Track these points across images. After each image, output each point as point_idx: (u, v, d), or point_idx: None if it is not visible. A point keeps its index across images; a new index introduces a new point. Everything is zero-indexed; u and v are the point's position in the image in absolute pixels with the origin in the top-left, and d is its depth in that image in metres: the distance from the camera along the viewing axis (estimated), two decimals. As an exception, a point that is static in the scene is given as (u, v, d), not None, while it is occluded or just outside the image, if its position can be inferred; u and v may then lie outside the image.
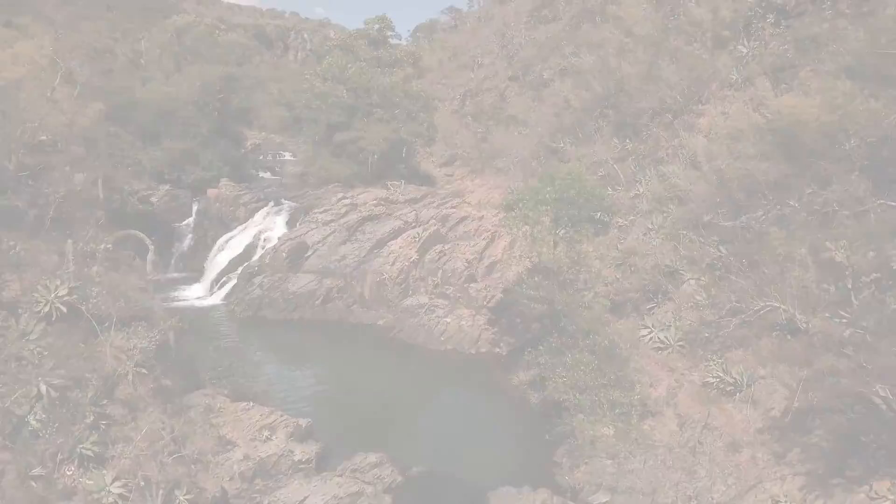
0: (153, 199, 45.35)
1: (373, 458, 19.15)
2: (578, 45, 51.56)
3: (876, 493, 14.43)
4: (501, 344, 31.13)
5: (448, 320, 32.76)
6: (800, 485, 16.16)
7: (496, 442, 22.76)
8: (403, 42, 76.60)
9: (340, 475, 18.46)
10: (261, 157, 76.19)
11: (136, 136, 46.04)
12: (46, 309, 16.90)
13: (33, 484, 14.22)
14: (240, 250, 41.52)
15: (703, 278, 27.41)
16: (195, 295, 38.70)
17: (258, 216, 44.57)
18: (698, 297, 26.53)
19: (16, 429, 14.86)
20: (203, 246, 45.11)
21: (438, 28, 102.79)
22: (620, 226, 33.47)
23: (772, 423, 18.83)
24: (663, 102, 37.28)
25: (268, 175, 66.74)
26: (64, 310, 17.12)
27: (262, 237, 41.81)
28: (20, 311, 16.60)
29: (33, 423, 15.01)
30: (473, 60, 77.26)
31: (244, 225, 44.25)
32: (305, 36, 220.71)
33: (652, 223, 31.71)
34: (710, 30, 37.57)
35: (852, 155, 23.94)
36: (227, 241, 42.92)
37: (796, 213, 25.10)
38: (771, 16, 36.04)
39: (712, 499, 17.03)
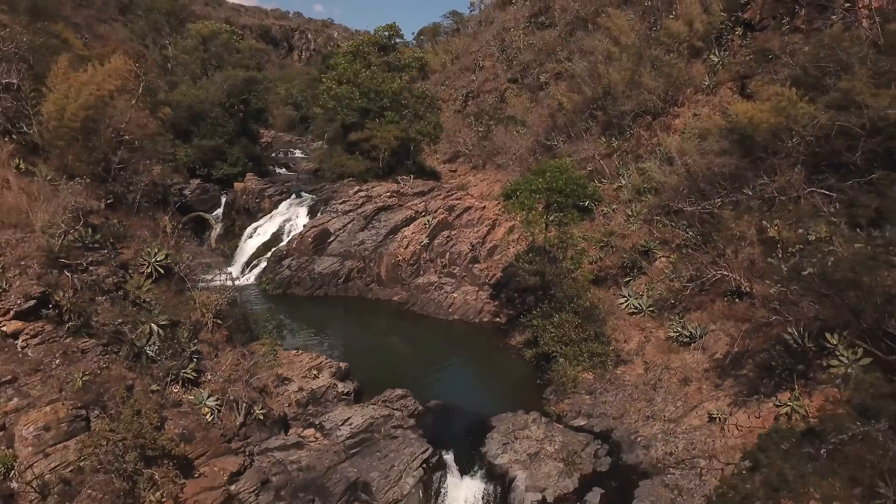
0: (186, 192, 50.15)
1: (399, 392, 24.06)
2: (572, 51, 56.10)
3: (779, 402, 19.27)
4: (501, 315, 36.01)
5: (455, 295, 37.68)
6: (728, 402, 21.05)
7: (496, 385, 27.68)
8: (405, 41, 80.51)
9: (374, 403, 23.38)
10: (272, 155, 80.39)
11: (171, 134, 50.73)
12: (149, 270, 21.82)
13: (152, 395, 19.08)
14: (267, 237, 46.32)
15: (672, 256, 32.35)
16: (225, 278, 43.41)
17: (282, 207, 49.37)
18: (667, 271, 31.44)
19: (137, 356, 19.75)
20: (231, 234, 49.93)
21: (441, 31, 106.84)
22: (605, 213, 38.41)
23: (715, 363, 23.73)
24: (644, 105, 42.11)
25: (283, 171, 71.31)
26: (161, 271, 22.05)
27: (287, 226, 46.62)
28: (130, 270, 21.49)
29: (149, 352, 19.90)
30: (475, 63, 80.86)
31: (270, 215, 49.03)
32: (309, 36, 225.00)
33: (631, 210, 36.62)
34: (686, 41, 42.37)
35: (793, 151, 28.92)
36: (255, 230, 47.69)
37: (749, 200, 30.03)
38: (739, 29, 40.90)
39: (665, 416, 21.92)
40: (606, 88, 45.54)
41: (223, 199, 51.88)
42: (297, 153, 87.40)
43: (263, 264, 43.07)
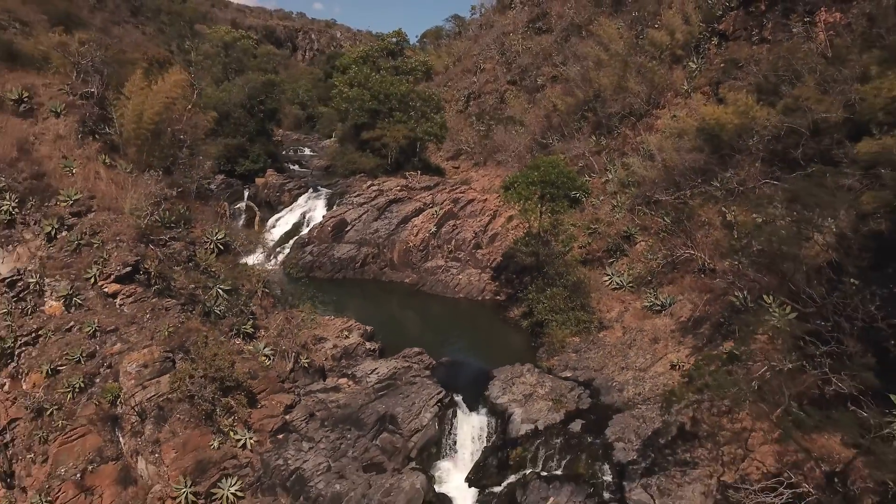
0: (212, 186, 54.77)
1: (416, 349, 28.73)
2: (566, 56, 60.70)
3: (724, 349, 23.96)
4: (501, 293, 40.67)
5: (460, 277, 42.38)
6: (687, 354, 25.75)
7: (497, 347, 32.32)
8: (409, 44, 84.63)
9: (396, 358, 28.05)
10: (283, 153, 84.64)
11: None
12: (211, 246, 26.49)
13: (222, 344, 23.75)
14: (289, 227, 50.99)
15: (650, 240, 37.02)
16: (256, 262, 48.12)
17: (301, 200, 54.02)
18: (646, 253, 36.08)
19: (207, 314, 24.45)
20: (253, 225, 54.53)
21: (443, 34, 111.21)
22: (593, 204, 42.98)
23: (680, 325, 28.41)
24: (630, 107, 46.76)
25: (296, 167, 75.82)
26: (221, 247, 26.72)
27: (307, 217, 51.27)
28: (197, 246, 26.16)
29: (217, 311, 24.60)
30: (476, 65, 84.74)
31: (290, 207, 53.70)
32: (313, 36, 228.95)
33: (616, 201, 41.26)
34: (668, 49, 47.04)
35: (753, 148, 33.61)
36: (276, 220, 52.36)
37: (715, 191, 34.70)
38: (715, 39, 45.54)
39: (636, 367, 26.61)
40: (597, 92, 50.18)
41: (246, 193, 56.50)
42: (307, 151, 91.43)
43: (287, 251, 47.71)
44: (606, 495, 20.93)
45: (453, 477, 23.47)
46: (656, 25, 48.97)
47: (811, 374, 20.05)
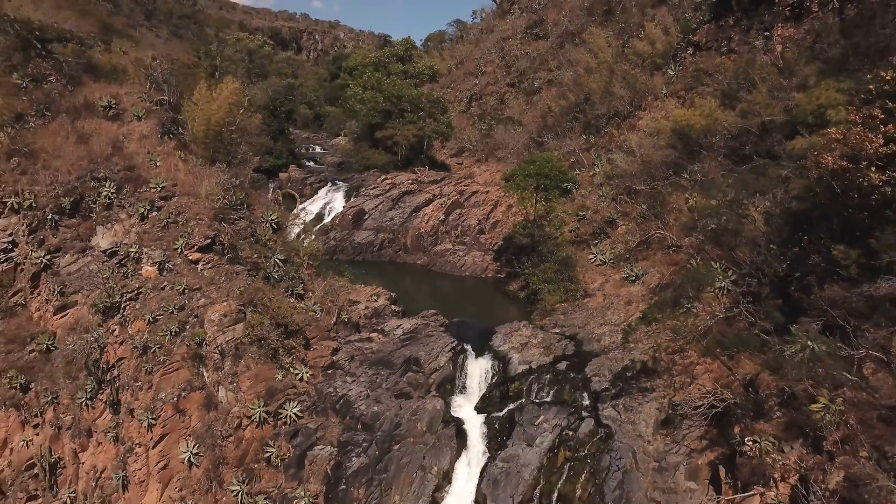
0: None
1: (432, 311, 34.83)
2: (561, 61, 66.76)
3: (669, 296, 30.04)
4: (502, 272, 46.81)
5: (466, 258, 48.51)
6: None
7: (498, 312, 38.42)
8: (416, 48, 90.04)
9: (416, 318, 34.16)
10: (294, 150, 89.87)
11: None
12: (267, 225, 32.59)
13: (282, 301, 29.85)
14: (312, 216, 57.05)
15: (629, 224, 43.13)
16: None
17: (321, 192, 60.11)
18: (625, 235, 42.20)
19: (267, 278, 30.56)
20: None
21: (446, 38, 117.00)
22: (582, 194, 49.09)
23: (650, 290, 34.51)
24: (615, 110, 52.83)
25: (312, 164, 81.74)
26: (275, 226, 32.80)
27: (328, 207, 57.36)
28: (256, 224, 32.26)
29: (274, 276, 30.70)
30: (477, 68, 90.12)
31: (311, 199, 59.80)
32: (317, 37, 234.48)
33: (602, 192, 47.34)
34: (649, 58, 53.12)
35: (716, 145, 39.68)
36: (300, 210, 58.41)
37: (684, 181, 40.76)
38: (690, 49, 51.58)
39: (612, 322, 32.71)
40: (587, 95, 56.24)
41: (271, 186, 62.51)
42: (317, 148, 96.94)
43: (312, 237, 53.71)
44: (584, 414, 27.03)
45: (465, 406, 29.56)
46: (640, 36, 54.97)
47: (741, 319, 26.19)
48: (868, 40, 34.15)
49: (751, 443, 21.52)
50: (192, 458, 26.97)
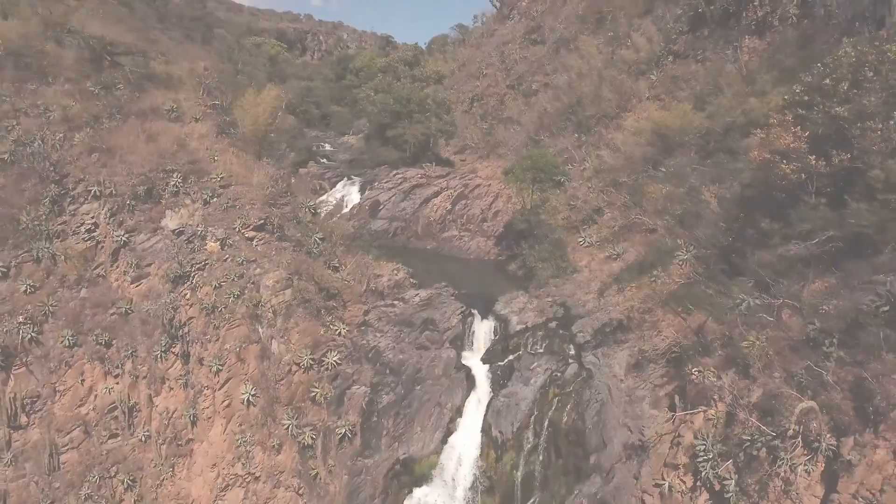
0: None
1: (444, 283, 41.09)
2: (556, 66, 72.94)
3: (658, 275, 36.21)
4: (502, 255, 53.11)
5: (471, 243, 54.80)
6: (629, 281, 38.09)
7: (500, 287, 44.65)
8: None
9: (430, 289, 40.40)
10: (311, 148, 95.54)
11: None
12: (306, 210, 38.79)
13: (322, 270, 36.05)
14: (330, 208, 63.18)
15: (614, 212, 49.35)
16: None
17: (339, 186, 66.26)
18: (610, 221, 48.42)
19: (308, 253, 36.72)
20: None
21: (448, 41, 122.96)
22: (573, 186, 55.34)
23: (628, 266, 40.74)
24: (604, 111, 59.02)
25: (325, 160, 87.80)
26: (313, 211, 39.01)
27: (345, 200, 63.56)
28: (298, 209, 38.44)
29: (314, 251, 36.91)
30: (478, 71, 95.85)
31: (329, 192, 65.95)
32: (321, 38, 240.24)
33: (590, 184, 53.51)
34: (634, 64, 59.35)
35: (688, 143, 45.91)
36: (319, 202, 64.52)
37: (660, 174, 47.00)
38: (671, 56, 57.80)
39: (595, 291, 38.93)
40: (579, 98, 62.43)
41: (292, 181, 68.52)
42: (327, 146, 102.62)
43: (340, 220, 59.90)
44: (570, 361, 33.29)
45: (473, 358, 35.81)
46: (628, 44, 61.16)
47: (698, 283, 32.47)
48: (811, 54, 40.40)
49: (696, 373, 27.76)
50: (250, 399, 33.12)
